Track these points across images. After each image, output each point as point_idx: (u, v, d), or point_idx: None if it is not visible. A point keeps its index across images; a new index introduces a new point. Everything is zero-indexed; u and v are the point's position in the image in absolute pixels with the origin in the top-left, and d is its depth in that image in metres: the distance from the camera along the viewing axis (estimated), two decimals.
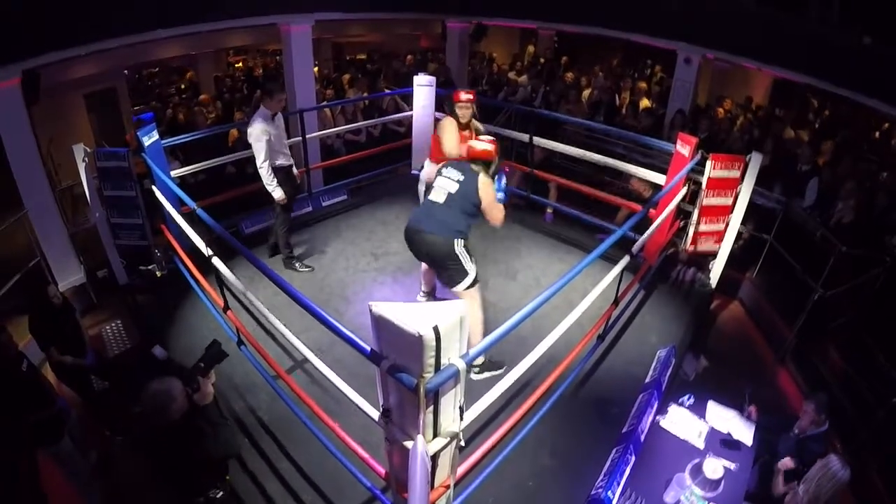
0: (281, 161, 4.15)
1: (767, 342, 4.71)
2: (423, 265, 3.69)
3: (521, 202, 5.72)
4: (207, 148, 5.12)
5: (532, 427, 2.76)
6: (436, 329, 1.63)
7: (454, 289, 3.21)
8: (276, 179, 4.06)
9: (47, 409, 3.07)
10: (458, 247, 3.11)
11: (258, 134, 3.87)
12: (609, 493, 2.60)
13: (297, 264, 4.52)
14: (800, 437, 3.12)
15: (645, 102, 7.87)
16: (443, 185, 3.21)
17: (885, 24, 5.26)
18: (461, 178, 3.17)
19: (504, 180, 3.35)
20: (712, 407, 3.38)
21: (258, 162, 3.97)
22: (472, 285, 3.21)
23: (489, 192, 3.19)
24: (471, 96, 4.03)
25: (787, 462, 2.97)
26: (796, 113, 9.59)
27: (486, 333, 2.01)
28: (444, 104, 4.27)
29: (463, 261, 3.14)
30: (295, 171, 4.43)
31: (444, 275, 3.22)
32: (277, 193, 4.10)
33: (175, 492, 2.41)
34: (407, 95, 5.98)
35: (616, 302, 3.42)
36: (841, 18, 5.74)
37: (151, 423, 2.16)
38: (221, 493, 2.45)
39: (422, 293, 3.92)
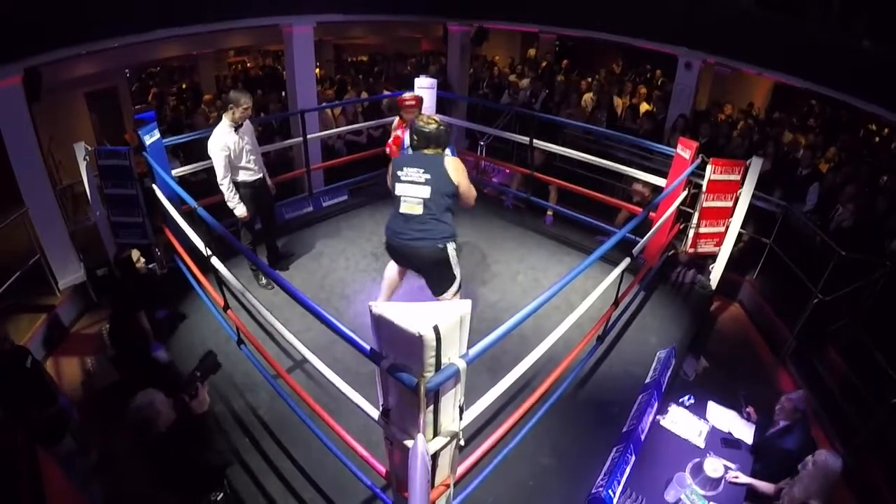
0: (245, 177, 3.91)
1: (767, 344, 4.71)
2: (389, 274, 3.55)
3: (521, 204, 5.74)
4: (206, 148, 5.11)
5: (532, 427, 2.76)
6: (436, 328, 1.63)
7: (442, 296, 3.19)
8: (237, 196, 3.86)
9: (49, 406, 3.06)
10: (451, 249, 3.03)
11: (216, 151, 3.68)
12: (609, 492, 2.60)
13: (262, 280, 4.28)
14: (773, 436, 3.12)
15: (644, 106, 7.90)
16: (411, 192, 2.94)
17: (885, 28, 5.27)
18: (427, 175, 2.92)
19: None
20: (712, 407, 3.39)
21: (218, 178, 3.76)
22: (457, 291, 3.21)
23: (461, 168, 2.97)
24: (413, 102, 4.14)
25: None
26: (797, 117, 9.63)
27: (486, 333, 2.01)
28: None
29: (454, 265, 3.09)
30: (269, 181, 4.21)
31: (433, 282, 3.18)
32: (239, 210, 3.88)
33: (176, 496, 2.41)
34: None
35: (616, 303, 3.42)
36: (841, 23, 5.76)
37: (140, 436, 2.16)
38: (222, 494, 2.45)
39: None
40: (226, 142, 3.69)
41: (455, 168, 2.95)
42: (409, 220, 2.98)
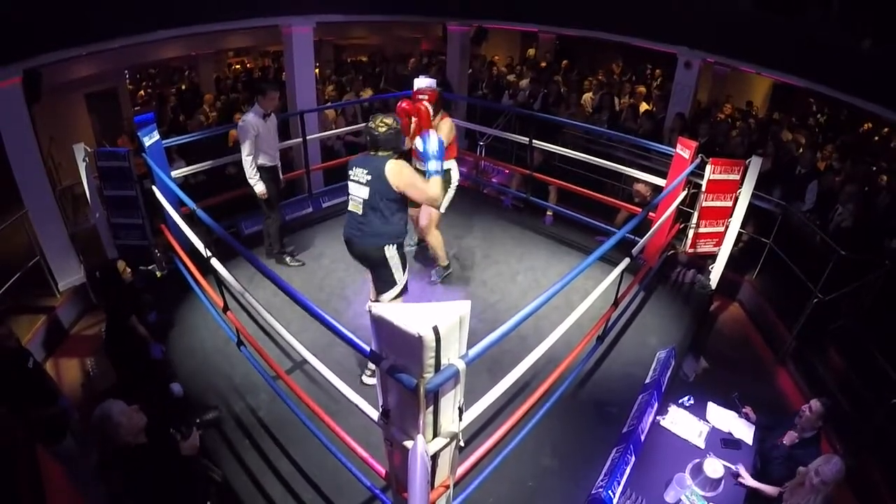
0: (264, 161, 4.19)
1: (767, 343, 4.71)
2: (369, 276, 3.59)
3: (521, 204, 5.74)
4: (207, 149, 5.13)
5: (532, 427, 2.75)
6: (435, 329, 1.62)
7: (381, 297, 3.20)
8: (258, 174, 4.13)
9: (50, 407, 3.06)
10: (390, 251, 3.03)
11: (247, 127, 3.97)
12: (609, 492, 2.60)
13: (287, 258, 4.61)
14: (790, 447, 3.09)
15: (644, 106, 7.89)
16: (354, 192, 3.03)
17: (885, 27, 5.27)
18: (369, 176, 2.93)
19: (431, 141, 2.88)
20: (712, 408, 3.38)
21: (243, 154, 4.04)
22: (397, 297, 3.18)
23: (403, 173, 2.90)
24: (421, 93, 4.13)
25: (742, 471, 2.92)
26: (796, 116, 9.63)
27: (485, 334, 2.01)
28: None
29: (393, 268, 3.08)
30: (281, 175, 4.47)
31: (375, 281, 3.25)
32: (259, 188, 4.18)
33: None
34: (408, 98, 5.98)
35: (616, 303, 3.42)
36: (840, 22, 5.76)
37: (112, 448, 2.14)
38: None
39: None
40: (255, 123, 4.02)
41: (396, 173, 2.88)
42: (353, 217, 3.09)
